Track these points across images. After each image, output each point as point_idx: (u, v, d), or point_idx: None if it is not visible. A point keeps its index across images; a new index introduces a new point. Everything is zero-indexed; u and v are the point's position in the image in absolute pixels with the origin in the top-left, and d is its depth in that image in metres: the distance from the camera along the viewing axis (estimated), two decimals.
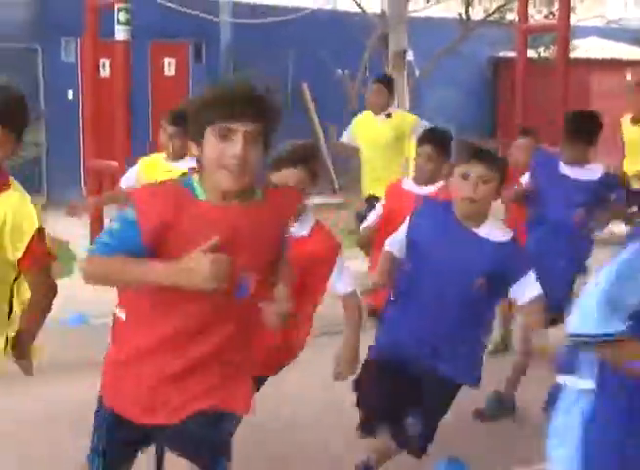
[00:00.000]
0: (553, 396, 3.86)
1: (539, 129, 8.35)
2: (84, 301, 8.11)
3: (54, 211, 13.37)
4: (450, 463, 5.24)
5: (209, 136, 3.04)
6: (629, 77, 20.08)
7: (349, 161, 16.52)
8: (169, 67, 16.27)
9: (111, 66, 10.90)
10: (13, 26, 14.73)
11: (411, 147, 7.58)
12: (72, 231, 10.98)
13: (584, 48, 18.62)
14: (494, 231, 4.35)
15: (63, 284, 9.02)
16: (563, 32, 11.73)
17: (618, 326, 2.84)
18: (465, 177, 4.30)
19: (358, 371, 4.52)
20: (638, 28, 24.20)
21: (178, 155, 6.39)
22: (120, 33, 8.69)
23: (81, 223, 9.39)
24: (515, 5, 13.96)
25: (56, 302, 7.00)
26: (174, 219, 3.05)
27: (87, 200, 9.35)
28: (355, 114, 16.33)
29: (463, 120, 18.34)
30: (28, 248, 3.91)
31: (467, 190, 4.27)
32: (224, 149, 3.01)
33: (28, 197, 4.01)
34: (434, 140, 5.76)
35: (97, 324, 7.65)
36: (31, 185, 14.24)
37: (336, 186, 17.28)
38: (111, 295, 8.44)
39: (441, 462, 5.20)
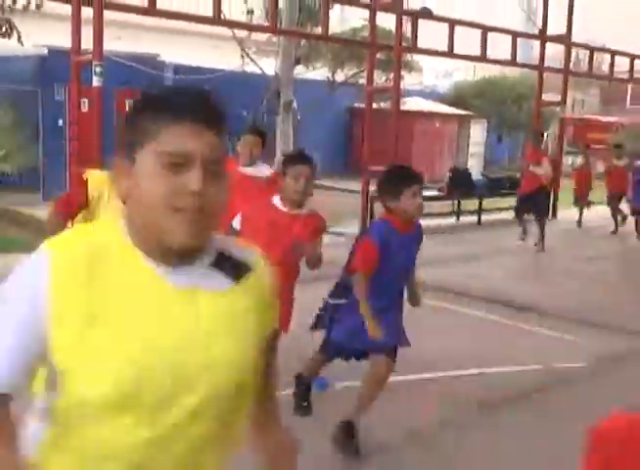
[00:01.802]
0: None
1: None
2: None
3: (49, 204, 13.56)
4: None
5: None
6: (437, 124, 21.01)
7: None
8: (129, 106, 16.03)
9: (88, 104, 10.80)
10: (22, 75, 14.66)
11: None
12: None
13: (410, 103, 19.27)
14: None
15: None
16: (395, 92, 12.47)
17: None
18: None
19: None
20: (444, 92, 25.05)
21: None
22: (96, 82, 8.84)
23: None
24: (364, 73, 14.30)
25: None
26: None
27: None
28: None
29: (329, 149, 18.63)
30: None
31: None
32: None
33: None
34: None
35: None
36: (34, 185, 14.10)
37: None
38: None
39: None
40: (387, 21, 13.09)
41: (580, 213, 14.01)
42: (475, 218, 13.75)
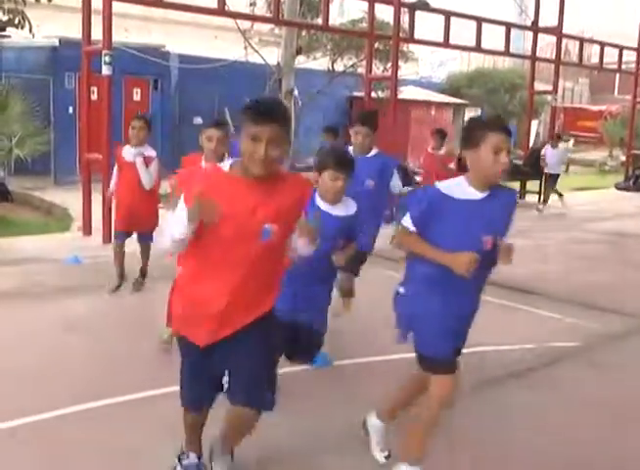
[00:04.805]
0: None
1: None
2: (77, 247, 8.10)
3: (59, 188, 13.26)
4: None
5: None
6: (433, 112, 20.78)
7: None
8: (137, 94, 15.84)
9: (98, 92, 10.66)
10: (35, 65, 14.50)
11: None
12: (70, 201, 10.77)
13: (406, 92, 18.99)
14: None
15: (63, 236, 9.14)
16: (393, 82, 12.40)
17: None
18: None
19: None
20: (438, 82, 24.88)
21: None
22: (105, 70, 8.70)
23: (77, 196, 9.46)
24: (363, 63, 14.14)
25: (58, 248, 8.21)
26: None
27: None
28: None
29: None
30: None
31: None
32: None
33: None
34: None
35: (86, 262, 7.59)
36: (45, 170, 14.10)
37: None
38: (93, 243, 8.54)
39: None
40: (385, 12, 12.92)
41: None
42: None
